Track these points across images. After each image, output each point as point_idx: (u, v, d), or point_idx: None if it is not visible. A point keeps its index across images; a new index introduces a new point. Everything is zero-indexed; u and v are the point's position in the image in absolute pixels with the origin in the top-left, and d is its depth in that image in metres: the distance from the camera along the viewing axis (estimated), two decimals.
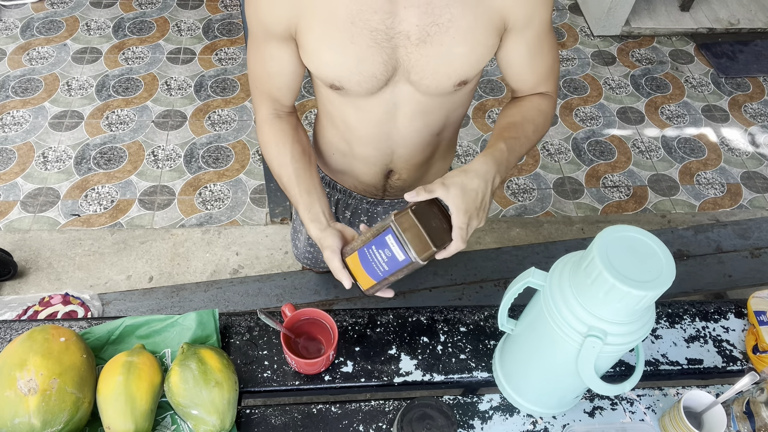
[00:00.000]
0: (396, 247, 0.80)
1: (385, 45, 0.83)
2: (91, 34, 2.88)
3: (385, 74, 0.87)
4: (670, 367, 1.07)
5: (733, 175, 2.63)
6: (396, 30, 0.82)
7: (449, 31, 0.83)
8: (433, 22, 0.82)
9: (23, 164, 2.34)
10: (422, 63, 0.86)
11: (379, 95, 0.91)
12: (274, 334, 1.04)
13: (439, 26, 0.82)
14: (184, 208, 2.27)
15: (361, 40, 0.82)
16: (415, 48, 0.84)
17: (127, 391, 0.85)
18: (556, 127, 2.74)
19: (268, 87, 0.96)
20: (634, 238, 0.73)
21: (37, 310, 1.76)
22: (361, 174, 1.11)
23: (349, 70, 0.86)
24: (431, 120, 0.99)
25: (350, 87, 0.88)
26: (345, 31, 0.82)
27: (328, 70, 0.87)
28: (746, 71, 3.09)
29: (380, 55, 0.84)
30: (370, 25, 0.81)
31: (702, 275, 1.80)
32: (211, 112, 2.61)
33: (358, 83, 0.87)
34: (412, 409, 0.86)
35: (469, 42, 0.85)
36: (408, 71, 0.87)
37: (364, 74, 0.86)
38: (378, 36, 0.82)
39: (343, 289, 1.71)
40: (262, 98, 0.98)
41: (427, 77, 0.88)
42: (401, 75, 0.88)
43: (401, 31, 0.82)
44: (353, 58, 0.84)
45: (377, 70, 0.86)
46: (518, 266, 1.87)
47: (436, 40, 0.83)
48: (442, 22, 0.82)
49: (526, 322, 0.88)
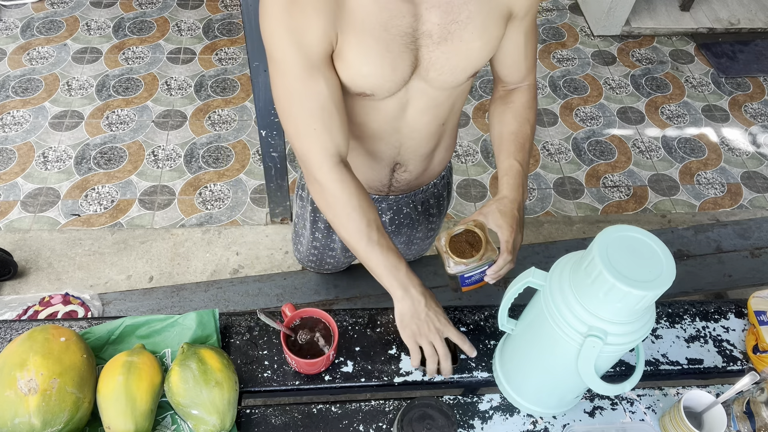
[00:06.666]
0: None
1: (411, 47, 0.84)
2: (91, 34, 2.88)
3: (409, 76, 0.88)
4: (670, 367, 1.06)
5: (733, 175, 2.63)
6: (420, 31, 0.83)
7: (468, 27, 0.84)
8: (453, 20, 0.83)
9: (23, 164, 2.34)
10: (442, 60, 0.87)
11: (395, 94, 0.92)
12: (274, 334, 1.04)
13: (459, 23, 0.84)
14: (185, 208, 2.27)
15: (394, 47, 0.83)
16: (437, 46, 0.85)
17: (127, 391, 0.85)
18: (557, 127, 2.74)
19: (328, 126, 0.85)
20: (634, 238, 0.73)
21: (37, 310, 1.76)
22: (368, 170, 1.11)
23: (384, 78, 0.86)
24: (439, 111, 1.00)
25: (380, 93, 0.89)
26: (380, 39, 0.81)
27: (364, 81, 0.86)
28: (746, 71, 3.09)
29: (409, 59, 0.85)
30: (401, 30, 0.82)
31: (702, 275, 1.80)
32: (211, 112, 2.61)
33: (389, 90, 0.88)
34: (412, 409, 0.86)
35: (485, 36, 0.87)
36: (427, 69, 0.88)
37: (395, 81, 0.87)
38: (407, 40, 0.83)
39: (343, 289, 1.71)
40: (322, 145, 0.86)
41: (445, 73, 0.89)
42: (419, 73, 0.89)
43: (424, 32, 0.83)
44: (389, 67, 0.84)
45: (405, 74, 0.87)
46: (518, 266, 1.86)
47: (456, 36, 0.85)
48: (461, 19, 0.83)
49: (526, 322, 0.88)
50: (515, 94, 1.04)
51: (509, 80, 1.03)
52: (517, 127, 1.00)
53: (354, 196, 0.89)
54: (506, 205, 0.93)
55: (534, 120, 1.03)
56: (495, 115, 1.05)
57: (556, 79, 2.95)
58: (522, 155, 0.98)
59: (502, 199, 0.94)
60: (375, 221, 0.90)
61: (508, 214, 0.92)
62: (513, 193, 0.95)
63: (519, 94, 1.03)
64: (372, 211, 0.91)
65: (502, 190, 0.96)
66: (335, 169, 0.88)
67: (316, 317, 0.99)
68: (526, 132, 1.00)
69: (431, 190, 1.24)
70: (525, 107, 1.02)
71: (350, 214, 0.89)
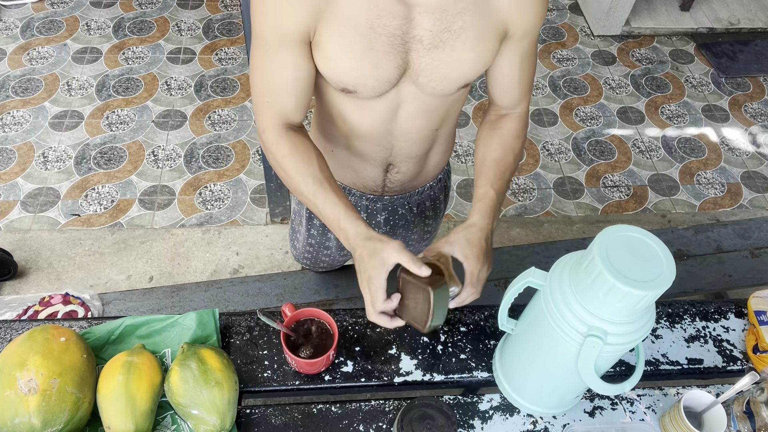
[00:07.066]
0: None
1: (399, 49, 0.84)
2: (91, 34, 2.88)
3: (397, 78, 0.88)
4: (670, 366, 1.07)
5: (733, 175, 2.63)
6: (410, 35, 0.83)
7: (460, 38, 0.84)
8: (446, 29, 0.82)
9: (23, 164, 2.34)
10: (432, 67, 0.86)
11: (384, 96, 0.92)
12: (274, 334, 1.04)
13: (452, 32, 0.83)
14: (184, 207, 2.27)
15: (379, 46, 0.82)
16: (427, 52, 0.85)
17: (127, 391, 0.85)
18: (557, 127, 2.74)
19: (282, 101, 0.89)
20: (634, 238, 0.73)
21: (37, 310, 1.76)
22: (361, 169, 1.11)
23: (366, 75, 0.86)
24: (432, 117, 1.00)
25: (363, 91, 0.88)
26: (364, 36, 0.81)
27: (344, 75, 0.86)
28: (746, 71, 3.09)
29: (395, 60, 0.85)
30: (388, 30, 0.81)
31: (702, 275, 1.80)
32: (211, 111, 2.61)
33: (372, 88, 0.88)
34: (412, 409, 0.86)
35: (478, 48, 0.86)
36: (417, 74, 0.88)
37: (379, 80, 0.87)
38: (395, 41, 0.83)
39: (343, 289, 1.71)
40: (271, 113, 0.91)
41: (435, 80, 0.89)
42: (409, 77, 0.89)
43: (415, 36, 0.83)
44: (371, 64, 0.84)
45: (391, 75, 0.87)
46: (518, 266, 1.87)
47: (448, 45, 0.84)
48: (454, 29, 0.83)
49: (526, 322, 0.88)
50: (505, 120, 1.02)
51: (501, 103, 1.02)
52: (500, 155, 0.99)
53: (302, 146, 0.91)
54: (474, 233, 0.91)
55: (520, 150, 1.02)
56: (482, 138, 1.03)
57: (556, 79, 2.95)
58: (500, 184, 0.97)
59: (470, 227, 0.92)
60: (312, 175, 0.90)
61: (475, 244, 0.90)
62: (483, 221, 0.93)
63: (509, 122, 1.02)
64: (311, 166, 0.91)
65: (472, 217, 0.94)
66: (285, 131, 0.91)
67: (316, 317, 0.99)
68: (509, 161, 0.99)
69: (427, 192, 1.24)
70: (512, 136, 1.01)
71: (304, 160, 0.91)
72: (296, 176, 0.91)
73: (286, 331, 0.95)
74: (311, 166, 0.91)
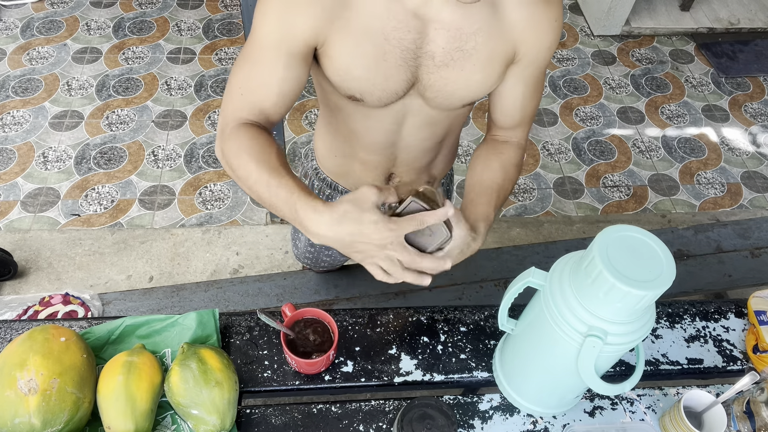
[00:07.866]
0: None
1: (411, 64, 0.84)
2: (91, 34, 2.88)
3: (404, 90, 0.88)
4: (670, 366, 1.07)
5: (733, 175, 2.63)
6: (423, 50, 0.83)
7: (471, 58, 0.84)
8: (458, 48, 0.83)
9: (23, 164, 2.34)
10: (440, 84, 0.87)
11: (390, 106, 0.92)
12: (274, 334, 1.04)
13: (463, 52, 0.83)
14: (185, 207, 2.27)
15: (392, 58, 0.82)
16: (437, 69, 0.85)
17: (127, 391, 0.85)
18: (556, 127, 2.74)
19: (260, 97, 0.84)
20: (634, 238, 0.73)
21: (37, 310, 1.76)
22: (363, 176, 1.12)
23: (375, 86, 0.85)
24: (436, 129, 1.00)
25: (370, 101, 0.88)
26: (379, 47, 0.81)
27: (354, 84, 0.86)
28: (746, 71, 3.09)
29: (405, 74, 0.85)
30: (403, 43, 0.81)
31: (702, 275, 1.80)
32: (211, 111, 2.61)
33: (379, 98, 0.88)
34: (412, 409, 0.86)
35: (487, 70, 0.86)
36: (425, 89, 0.88)
37: (387, 91, 0.87)
38: (407, 55, 0.82)
39: (343, 289, 1.71)
40: (243, 105, 0.85)
41: (442, 96, 0.89)
42: (416, 90, 0.89)
43: (427, 51, 0.83)
44: (382, 75, 0.84)
45: (399, 88, 0.87)
46: (518, 266, 1.87)
47: (458, 65, 0.84)
48: (467, 49, 0.83)
49: (526, 322, 0.88)
50: (506, 147, 1.01)
51: (500, 124, 1.01)
52: (501, 181, 0.96)
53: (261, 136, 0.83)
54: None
55: (516, 179, 1.00)
56: (481, 156, 1.01)
57: (556, 78, 2.95)
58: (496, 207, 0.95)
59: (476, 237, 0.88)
60: (266, 162, 0.81)
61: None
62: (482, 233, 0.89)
63: (509, 150, 1.00)
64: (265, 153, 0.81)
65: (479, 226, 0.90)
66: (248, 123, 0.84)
67: (316, 317, 0.99)
68: (507, 189, 0.98)
69: None
70: (512, 164, 0.99)
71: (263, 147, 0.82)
72: (250, 163, 0.81)
73: (286, 331, 0.95)
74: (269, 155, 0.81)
